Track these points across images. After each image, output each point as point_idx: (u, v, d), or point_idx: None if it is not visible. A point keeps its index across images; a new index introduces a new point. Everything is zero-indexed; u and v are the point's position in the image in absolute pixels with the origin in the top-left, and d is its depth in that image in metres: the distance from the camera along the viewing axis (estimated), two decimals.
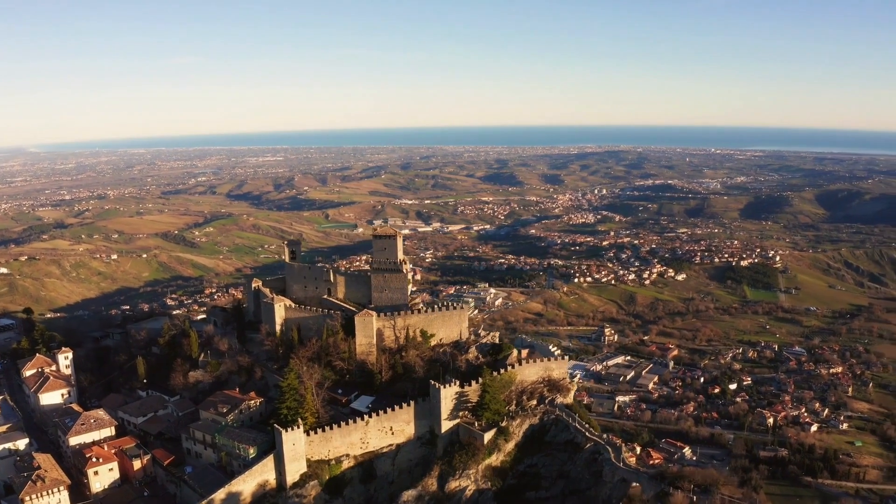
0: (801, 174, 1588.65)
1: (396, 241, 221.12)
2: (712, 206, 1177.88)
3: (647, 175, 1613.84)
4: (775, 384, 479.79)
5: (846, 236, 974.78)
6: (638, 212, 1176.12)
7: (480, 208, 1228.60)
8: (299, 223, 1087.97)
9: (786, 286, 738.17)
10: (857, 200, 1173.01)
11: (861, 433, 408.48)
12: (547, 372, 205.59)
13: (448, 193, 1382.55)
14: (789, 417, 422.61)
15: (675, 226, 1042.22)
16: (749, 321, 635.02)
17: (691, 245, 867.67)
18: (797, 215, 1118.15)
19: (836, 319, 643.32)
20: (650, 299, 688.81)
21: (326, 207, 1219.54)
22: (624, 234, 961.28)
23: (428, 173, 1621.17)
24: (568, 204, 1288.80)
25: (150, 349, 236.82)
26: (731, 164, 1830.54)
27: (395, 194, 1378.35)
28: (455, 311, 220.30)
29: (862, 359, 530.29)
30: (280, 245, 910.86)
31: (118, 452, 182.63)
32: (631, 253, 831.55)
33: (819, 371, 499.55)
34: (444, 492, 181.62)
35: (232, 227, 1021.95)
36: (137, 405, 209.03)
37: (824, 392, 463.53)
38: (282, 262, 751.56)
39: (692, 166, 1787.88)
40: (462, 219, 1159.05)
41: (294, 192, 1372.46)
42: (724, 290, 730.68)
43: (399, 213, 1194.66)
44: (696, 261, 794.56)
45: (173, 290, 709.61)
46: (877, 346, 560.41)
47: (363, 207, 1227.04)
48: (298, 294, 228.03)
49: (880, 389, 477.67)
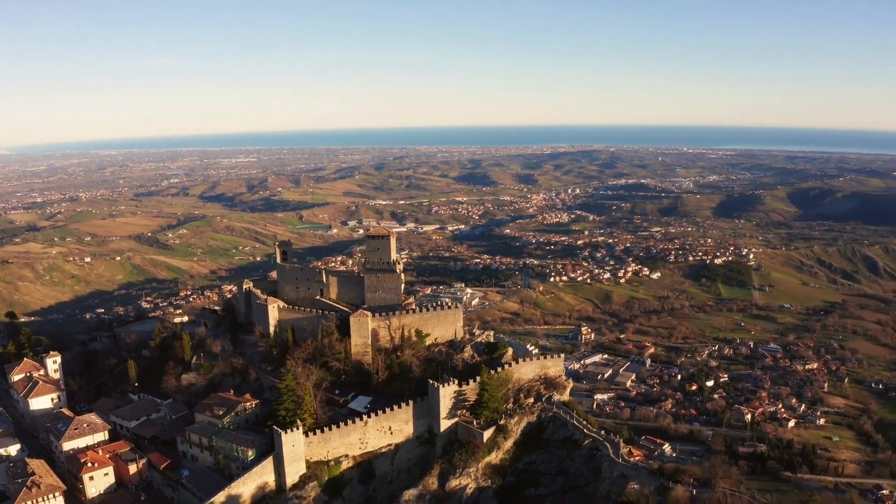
0: (773, 173, 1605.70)
1: (390, 241, 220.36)
2: (685, 205, 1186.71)
3: (620, 174, 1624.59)
4: (752, 381, 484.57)
5: (818, 234, 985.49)
6: (612, 211, 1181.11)
7: (455, 208, 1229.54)
8: (273, 224, 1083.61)
9: (760, 284, 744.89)
10: (829, 198, 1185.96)
11: (838, 428, 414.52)
12: (543, 370, 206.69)
13: (422, 194, 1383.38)
14: (766, 413, 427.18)
15: (649, 225, 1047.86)
16: (724, 319, 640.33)
17: (665, 244, 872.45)
18: (770, 213, 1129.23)
19: (811, 316, 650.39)
20: (626, 298, 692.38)
21: (300, 208, 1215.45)
22: (598, 234, 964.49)
23: (402, 174, 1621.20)
24: (542, 203, 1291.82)
25: (139, 352, 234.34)
26: (703, 163, 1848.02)
27: (368, 195, 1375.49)
28: (450, 311, 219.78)
29: (837, 355, 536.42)
30: (254, 246, 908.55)
31: (113, 457, 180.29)
32: (606, 252, 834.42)
33: (795, 367, 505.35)
34: (445, 490, 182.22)
35: (206, 228, 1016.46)
36: (130, 409, 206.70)
37: (800, 388, 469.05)
38: (256, 264, 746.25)
39: (665, 166, 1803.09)
40: (436, 219, 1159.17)
41: (267, 194, 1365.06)
42: (698, 288, 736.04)
43: (373, 213, 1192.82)
44: (671, 259, 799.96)
45: (148, 292, 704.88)
46: (851, 342, 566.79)
47: (337, 208, 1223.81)
48: (290, 295, 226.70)
49: (855, 385, 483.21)
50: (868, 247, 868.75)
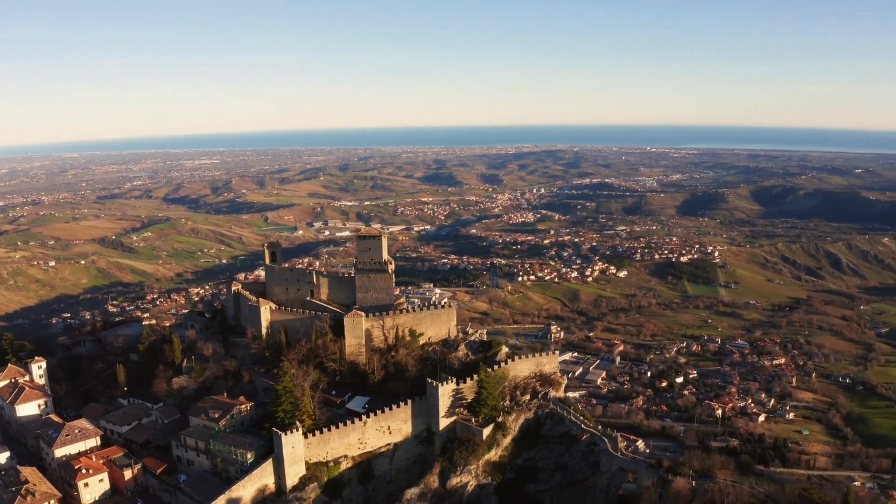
0: (736, 171, 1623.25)
1: (381, 241, 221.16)
2: (650, 204, 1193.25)
3: (584, 174, 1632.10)
4: (721, 376, 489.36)
5: (782, 231, 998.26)
6: (577, 210, 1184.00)
7: (420, 209, 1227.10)
8: (239, 226, 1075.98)
9: (725, 281, 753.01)
10: (792, 196, 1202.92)
11: (807, 422, 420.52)
12: (538, 367, 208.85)
13: (387, 194, 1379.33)
14: (737, 408, 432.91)
15: (614, 223, 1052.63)
16: (691, 316, 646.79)
17: (631, 242, 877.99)
18: (733, 211, 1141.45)
19: (776, 312, 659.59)
20: (593, 296, 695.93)
21: (265, 210, 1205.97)
22: (564, 233, 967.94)
23: (366, 174, 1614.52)
24: (507, 203, 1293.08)
25: (127, 356, 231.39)
26: (666, 162, 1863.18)
27: (334, 196, 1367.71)
28: (443, 310, 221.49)
29: (804, 350, 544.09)
30: (219, 249, 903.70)
31: (107, 463, 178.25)
32: (572, 251, 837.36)
33: (762, 363, 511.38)
34: (446, 488, 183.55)
35: (170, 231, 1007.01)
36: (120, 414, 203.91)
37: (769, 383, 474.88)
38: (223, 266, 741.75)
39: (628, 165, 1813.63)
40: (402, 220, 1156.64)
41: (232, 195, 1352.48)
42: (665, 286, 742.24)
43: (339, 214, 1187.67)
44: (637, 258, 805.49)
45: (114, 296, 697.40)
46: (817, 337, 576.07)
47: (303, 209, 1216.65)
48: (280, 296, 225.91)
49: (823, 379, 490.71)
50: (831, 243, 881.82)
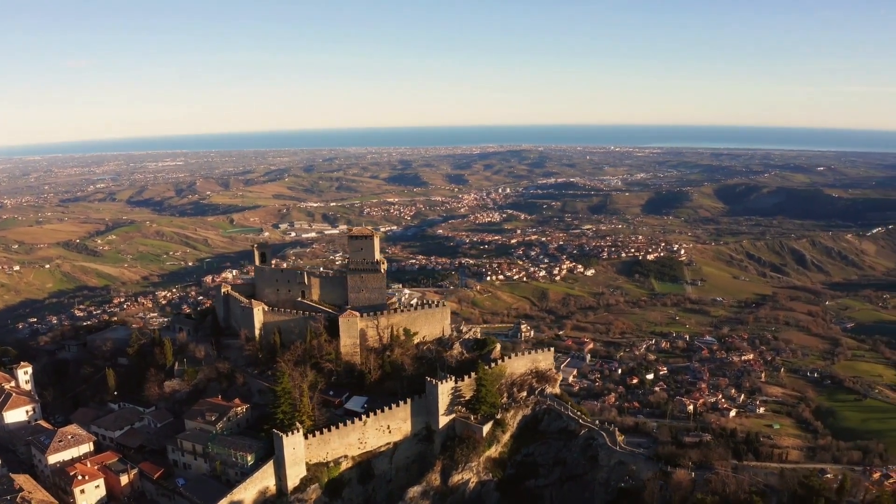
0: (699, 170, 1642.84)
1: (374, 241, 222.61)
2: (615, 203, 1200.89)
3: (549, 173, 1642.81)
4: (690, 373, 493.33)
5: (746, 229, 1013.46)
6: (542, 210, 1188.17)
7: (386, 209, 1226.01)
8: (204, 229, 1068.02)
9: (692, 278, 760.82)
10: (755, 194, 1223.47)
11: (778, 416, 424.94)
12: (534, 364, 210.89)
13: (353, 195, 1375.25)
14: (708, 404, 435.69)
15: (580, 222, 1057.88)
16: (659, 313, 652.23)
17: (598, 241, 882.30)
18: (697, 210, 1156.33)
19: (743, 309, 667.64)
20: (562, 295, 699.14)
21: (231, 212, 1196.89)
22: (531, 232, 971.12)
23: (332, 175, 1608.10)
24: (473, 203, 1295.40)
25: (115, 360, 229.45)
26: (630, 162, 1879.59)
27: (299, 197, 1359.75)
28: (437, 309, 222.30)
29: (771, 346, 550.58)
30: (185, 251, 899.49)
31: (102, 468, 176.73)
32: (539, 250, 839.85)
33: (731, 359, 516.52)
34: (448, 486, 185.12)
35: (135, 234, 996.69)
36: (112, 418, 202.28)
37: (738, 378, 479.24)
38: (189, 269, 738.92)
39: (593, 164, 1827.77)
40: (369, 220, 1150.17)
41: (196, 197, 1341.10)
42: (632, 284, 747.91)
43: (305, 216, 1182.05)
44: (604, 256, 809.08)
45: (80, 300, 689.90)
46: (784, 332, 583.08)
47: (268, 211, 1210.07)
48: (270, 298, 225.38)
49: (791, 374, 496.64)
50: (795, 240, 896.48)
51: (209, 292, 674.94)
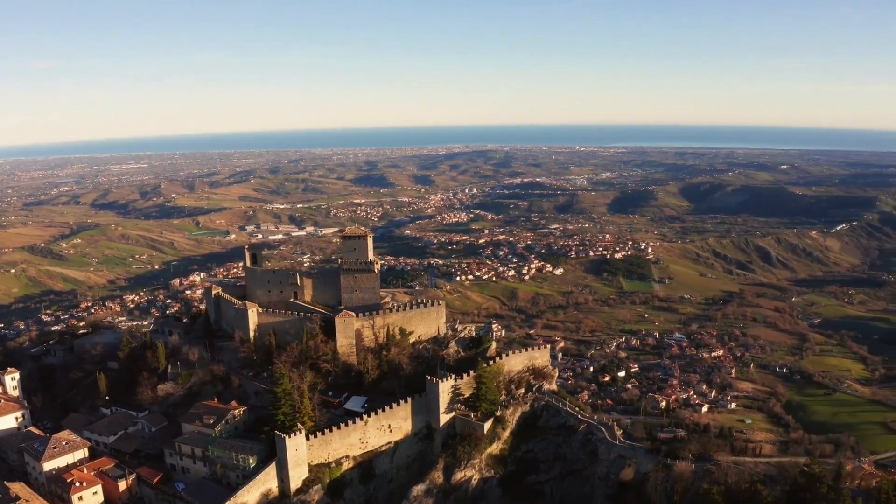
0: (664, 169, 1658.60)
1: (367, 241, 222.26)
2: (581, 202, 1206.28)
3: (515, 173, 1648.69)
4: (661, 369, 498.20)
5: (711, 227, 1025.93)
6: (509, 209, 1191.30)
7: (353, 210, 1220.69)
8: (170, 231, 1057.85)
9: (659, 276, 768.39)
10: (720, 192, 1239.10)
11: (749, 411, 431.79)
12: (531, 361, 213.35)
13: (319, 197, 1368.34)
14: (680, 400, 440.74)
15: (547, 222, 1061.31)
16: (628, 311, 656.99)
17: (565, 240, 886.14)
18: (663, 208, 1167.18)
19: (711, 306, 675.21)
20: (531, 294, 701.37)
21: (196, 214, 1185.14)
22: (498, 232, 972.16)
23: (297, 177, 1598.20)
24: (440, 204, 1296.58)
25: (105, 364, 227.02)
26: (595, 161, 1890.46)
27: (265, 199, 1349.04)
28: (432, 308, 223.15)
29: (740, 342, 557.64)
30: (151, 254, 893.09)
31: (98, 474, 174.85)
32: (508, 250, 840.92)
33: (701, 355, 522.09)
34: (451, 483, 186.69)
35: (100, 237, 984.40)
36: (105, 423, 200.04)
37: (709, 375, 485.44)
38: (155, 272, 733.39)
39: (558, 164, 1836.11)
40: (336, 222, 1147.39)
41: (161, 200, 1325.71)
42: (601, 283, 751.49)
43: (272, 217, 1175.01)
44: (572, 255, 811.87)
45: (47, 305, 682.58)
46: (752, 329, 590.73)
47: (234, 213, 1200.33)
48: (262, 299, 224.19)
49: (761, 370, 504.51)
50: (760, 238, 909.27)
51: (178, 295, 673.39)
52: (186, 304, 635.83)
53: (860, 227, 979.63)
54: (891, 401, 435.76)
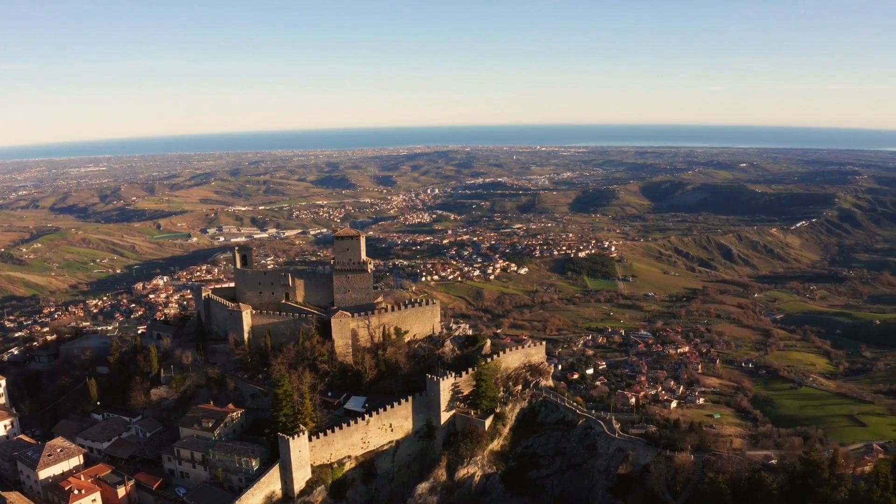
0: (625, 168, 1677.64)
1: (360, 241, 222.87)
2: (543, 202, 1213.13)
3: (477, 174, 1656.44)
4: (629, 366, 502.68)
5: (673, 225, 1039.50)
6: (472, 210, 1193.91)
7: (315, 212, 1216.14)
8: (131, 235, 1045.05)
9: (623, 274, 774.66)
10: (680, 191, 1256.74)
11: (717, 406, 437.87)
12: (527, 358, 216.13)
13: (281, 198, 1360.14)
14: (649, 396, 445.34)
15: (510, 222, 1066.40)
16: (593, 309, 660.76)
17: (529, 240, 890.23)
18: (624, 207, 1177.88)
19: (675, 303, 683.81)
20: (497, 294, 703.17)
21: (157, 217, 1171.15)
22: (462, 232, 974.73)
23: (259, 179, 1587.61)
24: (402, 205, 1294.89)
25: (94, 369, 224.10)
26: (556, 161, 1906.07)
27: (227, 201, 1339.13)
28: (427, 307, 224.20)
29: (705, 338, 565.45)
30: (112, 259, 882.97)
31: (96, 481, 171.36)
32: (472, 250, 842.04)
33: (667, 352, 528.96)
34: (454, 480, 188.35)
35: (61, 241, 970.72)
36: (98, 429, 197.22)
37: (676, 371, 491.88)
38: (118, 276, 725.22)
39: (520, 164, 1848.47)
40: (298, 223, 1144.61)
41: (122, 203, 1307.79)
42: (565, 282, 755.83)
43: (233, 220, 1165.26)
44: (536, 254, 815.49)
45: (9, 311, 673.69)
46: (716, 325, 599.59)
47: (196, 216, 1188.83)
48: (253, 301, 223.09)
49: (727, 365, 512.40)
50: (722, 235, 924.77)
51: (141, 299, 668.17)
52: (151, 307, 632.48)
53: (820, 224, 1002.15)
54: (856, 394, 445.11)
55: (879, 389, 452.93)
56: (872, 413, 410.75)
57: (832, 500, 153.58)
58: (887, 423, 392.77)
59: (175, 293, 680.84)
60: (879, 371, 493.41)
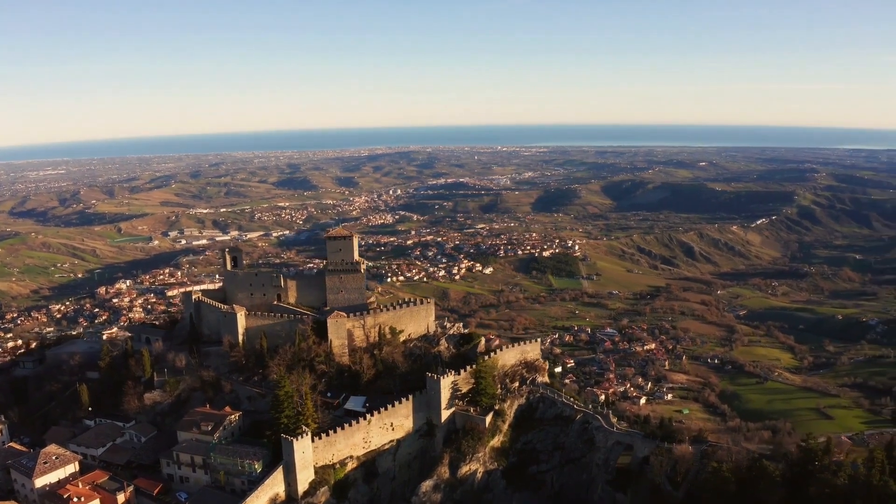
0: (586, 167, 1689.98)
1: (352, 241, 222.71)
2: (505, 202, 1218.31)
3: (438, 174, 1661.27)
4: (597, 364, 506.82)
5: (635, 223, 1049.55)
6: (434, 210, 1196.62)
7: (278, 214, 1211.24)
8: (91, 239, 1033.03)
9: (587, 273, 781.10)
10: (641, 190, 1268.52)
11: (685, 402, 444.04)
12: (523, 355, 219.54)
13: (243, 201, 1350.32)
14: (618, 393, 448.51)
15: (473, 222, 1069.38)
16: (559, 308, 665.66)
17: (493, 239, 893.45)
18: (586, 206, 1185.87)
19: (639, 301, 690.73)
20: (462, 294, 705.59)
21: (118, 221, 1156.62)
22: (425, 233, 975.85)
23: (220, 181, 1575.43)
24: (365, 206, 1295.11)
25: (83, 374, 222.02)
26: (517, 161, 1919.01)
27: (188, 204, 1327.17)
28: (422, 306, 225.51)
29: (670, 335, 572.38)
30: (73, 263, 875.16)
31: (94, 488, 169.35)
32: (437, 250, 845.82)
33: (634, 349, 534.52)
34: (457, 477, 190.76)
35: (20, 246, 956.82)
36: (92, 435, 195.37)
37: (643, 367, 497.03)
38: (79, 280, 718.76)
39: (481, 164, 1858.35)
40: (260, 225, 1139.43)
41: (82, 207, 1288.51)
42: (530, 281, 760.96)
43: (195, 222, 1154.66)
44: (501, 254, 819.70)
45: None
46: (681, 322, 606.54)
47: (157, 219, 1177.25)
48: (243, 302, 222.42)
49: (693, 361, 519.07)
50: (683, 233, 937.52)
51: (105, 304, 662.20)
52: (115, 312, 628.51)
53: (779, 221, 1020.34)
54: (821, 387, 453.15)
55: (844, 383, 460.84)
56: (839, 406, 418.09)
57: (833, 485, 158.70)
58: (854, 416, 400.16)
59: (139, 297, 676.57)
60: (844, 365, 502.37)
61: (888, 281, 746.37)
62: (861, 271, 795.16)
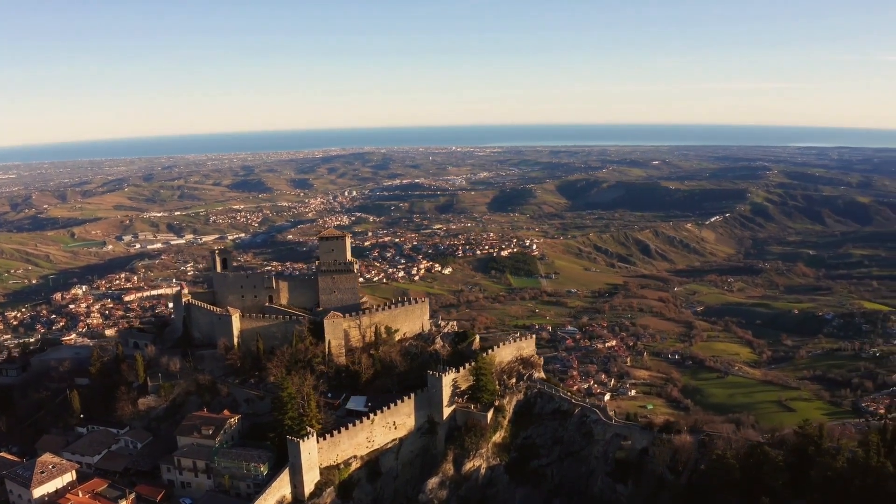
0: (540, 167, 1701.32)
1: (345, 241, 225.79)
2: (461, 202, 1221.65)
3: (394, 175, 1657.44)
4: (559, 361, 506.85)
5: (590, 222, 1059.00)
6: (390, 211, 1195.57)
7: (233, 217, 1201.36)
8: (45, 244, 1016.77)
9: (546, 272, 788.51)
10: (596, 189, 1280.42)
11: (649, 397, 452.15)
12: (519, 351, 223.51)
13: (197, 204, 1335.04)
14: (582, 390, 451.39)
15: (430, 222, 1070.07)
16: (519, 307, 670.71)
17: (451, 240, 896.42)
18: (542, 206, 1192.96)
19: (597, 298, 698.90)
20: (422, 294, 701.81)
21: (71, 225, 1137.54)
22: (382, 234, 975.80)
23: (173, 184, 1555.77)
24: (320, 207, 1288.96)
25: (73, 381, 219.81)
26: (472, 161, 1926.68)
27: (141, 207, 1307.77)
28: (417, 305, 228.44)
29: (631, 332, 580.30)
30: (27, 269, 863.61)
31: (94, 497, 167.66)
32: (395, 251, 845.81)
33: (595, 346, 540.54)
34: (461, 474, 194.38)
35: None
36: (85, 443, 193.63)
37: (606, 364, 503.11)
38: (34, 286, 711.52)
39: (436, 164, 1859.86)
40: (215, 229, 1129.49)
41: (34, 212, 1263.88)
42: (490, 280, 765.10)
43: (149, 226, 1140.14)
44: (459, 254, 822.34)
45: None
46: (640, 319, 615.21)
47: (110, 223, 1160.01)
48: (235, 305, 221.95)
49: (654, 357, 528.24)
50: (639, 231, 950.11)
51: (61, 310, 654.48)
52: (73, 318, 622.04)
53: (733, 219, 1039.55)
54: (781, 381, 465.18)
55: (804, 376, 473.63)
56: (800, 399, 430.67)
57: (833, 468, 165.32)
58: (815, 408, 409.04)
59: (95, 302, 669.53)
60: (802, 358, 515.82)
61: (842, 276, 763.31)
62: (815, 266, 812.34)
